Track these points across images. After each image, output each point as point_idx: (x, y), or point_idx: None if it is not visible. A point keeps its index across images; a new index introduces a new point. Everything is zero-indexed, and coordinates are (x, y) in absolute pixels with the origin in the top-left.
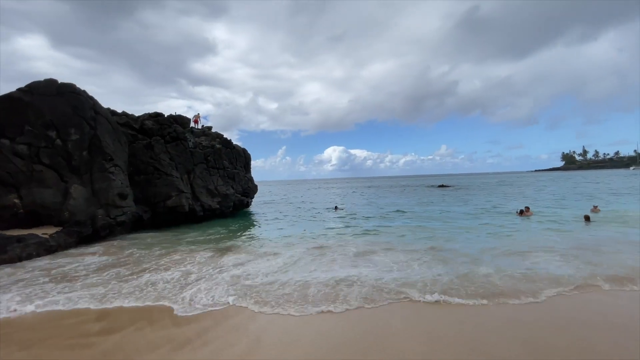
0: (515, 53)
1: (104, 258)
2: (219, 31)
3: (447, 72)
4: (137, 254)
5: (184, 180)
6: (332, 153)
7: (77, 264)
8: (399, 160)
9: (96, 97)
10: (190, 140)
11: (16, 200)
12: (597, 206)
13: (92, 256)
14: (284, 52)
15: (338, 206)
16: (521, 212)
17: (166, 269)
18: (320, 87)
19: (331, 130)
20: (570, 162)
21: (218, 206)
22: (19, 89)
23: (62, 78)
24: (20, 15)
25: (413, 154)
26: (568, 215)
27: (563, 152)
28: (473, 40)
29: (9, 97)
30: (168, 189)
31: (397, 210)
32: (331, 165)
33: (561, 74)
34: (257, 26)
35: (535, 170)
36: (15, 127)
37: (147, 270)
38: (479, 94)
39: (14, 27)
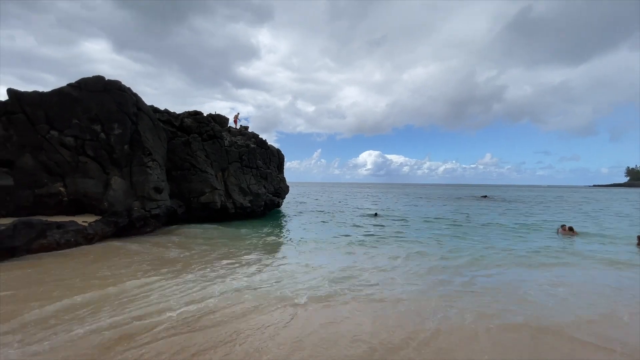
0: (572, 57)
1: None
2: (263, 36)
3: (495, 76)
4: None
5: (218, 178)
6: (368, 157)
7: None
8: (438, 167)
9: (150, 98)
10: (226, 139)
11: (61, 189)
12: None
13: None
14: (323, 56)
15: (378, 213)
16: (569, 229)
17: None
18: (358, 90)
19: (367, 134)
20: (636, 178)
21: (249, 205)
22: (69, 84)
23: (121, 80)
24: (87, 21)
25: (454, 161)
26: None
27: (628, 167)
28: (524, 43)
29: (59, 91)
30: (202, 185)
31: (430, 220)
32: (366, 170)
33: (625, 81)
34: (298, 31)
35: (594, 186)
36: (64, 120)
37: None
38: (529, 100)
39: (81, 32)
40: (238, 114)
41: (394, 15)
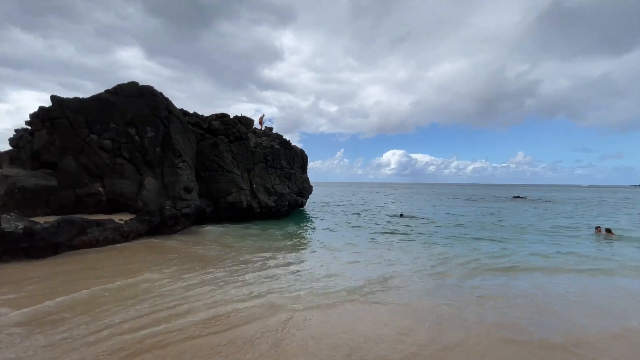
0: (614, 47)
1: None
2: (286, 38)
3: (527, 71)
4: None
5: (244, 178)
6: (392, 157)
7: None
8: (466, 166)
9: (179, 102)
10: (251, 140)
11: (100, 189)
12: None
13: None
14: (346, 55)
15: (404, 213)
16: (607, 231)
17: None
18: (381, 89)
19: (390, 134)
20: None
21: (274, 204)
22: (107, 90)
23: (152, 85)
24: (121, 30)
25: (483, 160)
26: None
27: None
28: (559, 35)
29: (97, 97)
30: (229, 186)
31: (458, 221)
32: (390, 169)
33: None
34: (321, 32)
35: None
36: (102, 124)
37: None
38: (566, 94)
39: (116, 41)
40: (263, 115)
41: (419, 10)
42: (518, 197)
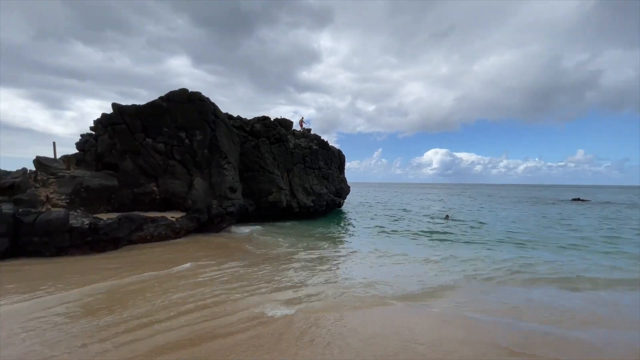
0: None
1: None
2: (323, 40)
3: (586, 60)
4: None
5: (284, 178)
6: (433, 156)
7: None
8: (517, 166)
9: (223, 106)
10: (291, 142)
11: (154, 188)
12: None
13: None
14: (385, 53)
15: (449, 215)
16: None
17: None
18: (422, 86)
19: (432, 132)
20: None
21: (312, 204)
22: (160, 97)
23: (200, 91)
24: (171, 41)
25: (537, 159)
26: None
27: None
28: (624, 20)
29: (152, 104)
30: (270, 186)
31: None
32: (431, 169)
33: None
34: (359, 31)
35: None
36: (156, 128)
37: None
38: (632, 85)
39: (167, 51)
40: (302, 117)
41: (462, 2)
42: (578, 199)
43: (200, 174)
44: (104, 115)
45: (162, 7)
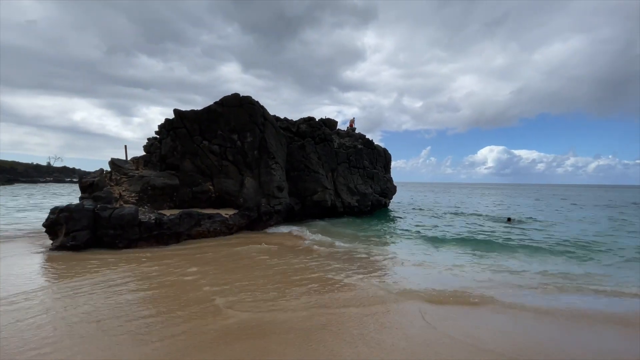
0: None
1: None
2: (367, 38)
3: None
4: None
5: (328, 178)
6: (488, 154)
7: None
8: (587, 164)
9: (270, 108)
10: (335, 141)
11: (210, 187)
12: None
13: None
14: (432, 47)
15: (511, 218)
16: None
17: None
18: (475, 79)
19: (486, 128)
20: None
21: (357, 204)
22: (215, 103)
23: (249, 95)
24: (222, 48)
25: (610, 156)
26: None
27: None
28: None
29: (208, 109)
30: (315, 185)
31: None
32: (486, 168)
33: None
34: (405, 26)
35: None
36: (212, 131)
37: None
38: None
39: (219, 59)
40: (353, 118)
41: None
42: None
43: (251, 174)
44: (166, 120)
45: (215, 18)
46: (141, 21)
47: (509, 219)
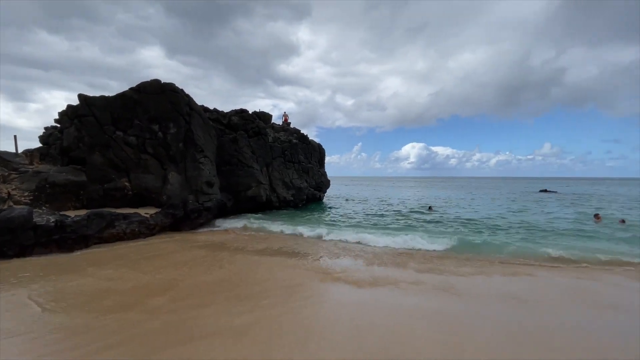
0: None
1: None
2: (302, 33)
3: (553, 58)
4: None
5: (263, 173)
6: (411, 150)
7: None
8: (489, 159)
9: (199, 98)
10: (270, 135)
11: (126, 183)
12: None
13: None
14: (363, 48)
15: (432, 207)
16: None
17: None
18: (400, 81)
19: (410, 126)
20: None
21: (292, 198)
22: (131, 88)
23: (174, 83)
24: (143, 30)
25: (508, 152)
26: None
27: None
28: (588, 20)
29: (122, 95)
30: (249, 180)
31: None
32: (409, 163)
33: None
34: (337, 25)
35: None
36: (127, 121)
37: None
38: (595, 83)
39: (138, 41)
40: (285, 112)
41: None
42: (545, 190)
43: (175, 168)
44: (69, 106)
45: None
46: None
47: (430, 208)
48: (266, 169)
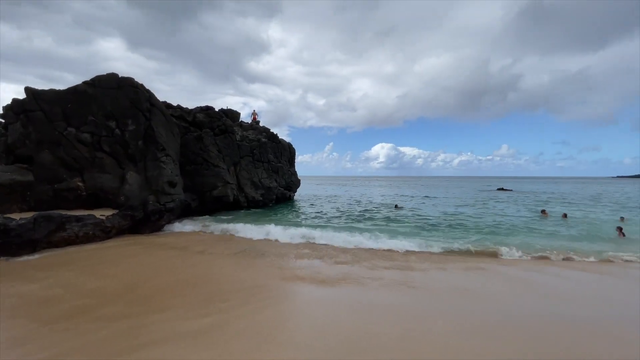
0: (590, 44)
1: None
2: (272, 30)
3: (509, 65)
4: None
5: (230, 172)
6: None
7: None
8: (452, 159)
9: (166, 95)
10: (237, 134)
11: (80, 184)
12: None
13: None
14: (334, 49)
15: (398, 205)
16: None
17: None
18: (369, 83)
19: (379, 127)
20: None
21: (261, 198)
22: (85, 82)
23: (137, 77)
24: (102, 20)
25: (469, 153)
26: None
27: None
28: (539, 30)
29: (75, 89)
30: (215, 180)
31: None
32: (378, 163)
33: None
34: (308, 24)
35: (618, 177)
36: (80, 117)
37: None
38: (546, 89)
39: (97, 32)
40: (254, 110)
41: (405, 3)
42: (502, 189)
43: (134, 168)
44: (14, 100)
45: None
46: None
47: (396, 206)
48: (234, 169)
